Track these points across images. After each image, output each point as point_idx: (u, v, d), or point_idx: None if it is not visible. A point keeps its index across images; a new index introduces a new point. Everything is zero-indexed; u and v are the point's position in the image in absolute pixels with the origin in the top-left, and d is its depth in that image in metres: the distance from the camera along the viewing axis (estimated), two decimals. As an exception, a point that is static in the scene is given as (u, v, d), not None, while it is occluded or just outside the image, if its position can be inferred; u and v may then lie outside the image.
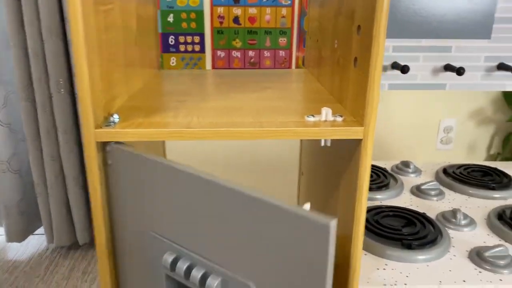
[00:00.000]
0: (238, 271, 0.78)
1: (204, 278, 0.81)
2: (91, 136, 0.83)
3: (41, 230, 2.86)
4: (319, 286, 0.69)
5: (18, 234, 2.61)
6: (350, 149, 0.94)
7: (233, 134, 0.85)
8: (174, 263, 0.84)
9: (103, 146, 0.87)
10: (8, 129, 2.42)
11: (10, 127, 2.43)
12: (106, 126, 0.85)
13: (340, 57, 1.05)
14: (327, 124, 0.89)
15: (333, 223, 0.66)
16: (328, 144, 1.00)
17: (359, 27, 0.90)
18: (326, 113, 0.91)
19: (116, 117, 0.87)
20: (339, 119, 0.91)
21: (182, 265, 0.83)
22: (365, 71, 0.85)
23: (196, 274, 0.81)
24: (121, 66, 1.02)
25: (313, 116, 0.92)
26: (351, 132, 0.87)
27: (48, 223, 2.59)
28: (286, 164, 2.64)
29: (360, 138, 0.88)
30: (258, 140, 2.54)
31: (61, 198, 2.51)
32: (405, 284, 1.04)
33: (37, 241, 2.78)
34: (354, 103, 0.93)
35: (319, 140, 0.90)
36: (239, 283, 0.78)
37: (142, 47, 1.24)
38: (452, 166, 1.68)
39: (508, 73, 1.30)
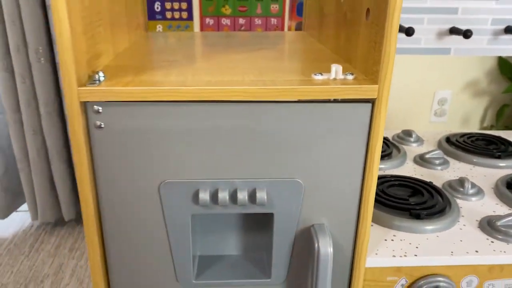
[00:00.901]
0: (283, 174, 0.86)
1: (252, 197, 0.87)
2: (73, 95, 0.75)
3: (24, 206, 2.78)
4: (361, 157, 0.86)
5: (1, 210, 2.52)
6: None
7: (235, 94, 0.78)
8: (214, 196, 0.87)
9: (88, 107, 0.79)
10: (-13, 101, 2.32)
11: (-11, 99, 2.33)
12: (91, 84, 0.76)
13: (348, 11, 0.96)
14: (337, 82, 0.81)
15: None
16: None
17: None
18: (336, 70, 0.83)
19: (101, 75, 0.78)
20: (350, 77, 0.84)
21: (224, 195, 0.86)
22: (380, 22, 0.77)
23: (242, 196, 0.87)
24: (106, 22, 0.92)
25: (321, 74, 0.84)
26: (364, 91, 0.80)
27: (31, 199, 2.51)
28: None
29: (374, 97, 0.80)
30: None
31: (44, 173, 2.42)
32: (416, 255, 0.98)
33: (21, 218, 2.70)
34: (365, 60, 0.86)
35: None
36: (287, 182, 0.87)
37: (129, 10, 1.15)
38: (455, 134, 1.61)
39: None
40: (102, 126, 0.79)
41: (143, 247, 0.90)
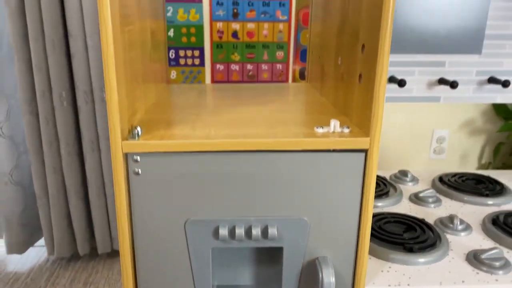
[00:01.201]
0: (291, 213, 1.02)
1: (264, 232, 1.02)
2: (118, 147, 0.91)
3: (40, 241, 2.89)
4: (357, 198, 1.02)
5: (19, 246, 2.65)
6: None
7: (251, 145, 0.94)
8: (232, 232, 1.01)
9: (129, 157, 0.95)
10: (10, 141, 2.47)
11: (12, 139, 2.48)
12: (131, 138, 0.93)
13: (344, 73, 1.12)
14: (335, 135, 0.97)
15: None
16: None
17: (363, 46, 0.98)
18: (335, 124, 0.99)
19: (139, 130, 0.94)
20: (346, 130, 0.99)
21: (240, 231, 1.01)
22: (370, 87, 0.93)
23: (256, 232, 1.01)
24: (140, 82, 1.09)
25: (322, 127, 1.00)
26: (358, 143, 0.95)
27: (49, 235, 2.63)
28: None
29: (366, 148, 0.96)
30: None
31: (62, 210, 2.56)
32: (408, 284, 1.11)
33: (37, 253, 2.81)
34: (359, 115, 1.01)
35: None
36: (295, 220, 1.02)
37: (155, 61, 1.32)
38: (447, 174, 1.76)
39: (499, 86, 1.38)
40: (139, 172, 0.95)
41: (170, 277, 1.04)
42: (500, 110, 2.74)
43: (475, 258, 1.20)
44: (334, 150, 0.97)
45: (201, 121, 1.08)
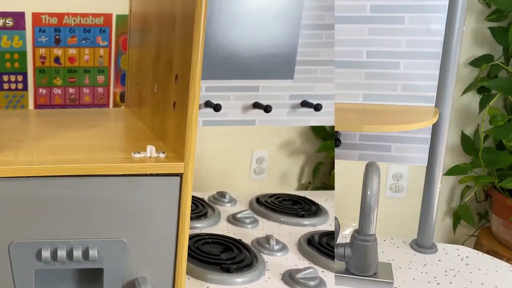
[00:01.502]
0: (111, 235, 1.11)
1: (85, 254, 1.10)
2: None
3: None
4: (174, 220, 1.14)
5: None
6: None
7: (71, 170, 1.04)
8: (54, 253, 1.09)
9: None
10: None
11: None
12: None
13: (160, 101, 1.25)
14: (152, 160, 1.09)
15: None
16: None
17: (176, 76, 1.11)
18: (151, 150, 1.11)
19: None
20: (162, 155, 1.11)
21: (62, 253, 1.09)
22: (183, 115, 1.06)
23: (77, 254, 1.09)
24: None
25: (139, 153, 1.11)
26: (173, 167, 1.08)
27: None
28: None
29: (181, 172, 1.09)
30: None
31: None
32: (225, 303, 1.22)
33: None
34: (174, 141, 1.14)
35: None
36: (114, 242, 1.12)
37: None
38: (264, 195, 1.94)
39: (311, 109, 1.57)
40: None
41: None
42: (318, 130, 2.97)
43: (290, 278, 1.33)
44: (150, 174, 1.09)
45: (25, 148, 1.16)
